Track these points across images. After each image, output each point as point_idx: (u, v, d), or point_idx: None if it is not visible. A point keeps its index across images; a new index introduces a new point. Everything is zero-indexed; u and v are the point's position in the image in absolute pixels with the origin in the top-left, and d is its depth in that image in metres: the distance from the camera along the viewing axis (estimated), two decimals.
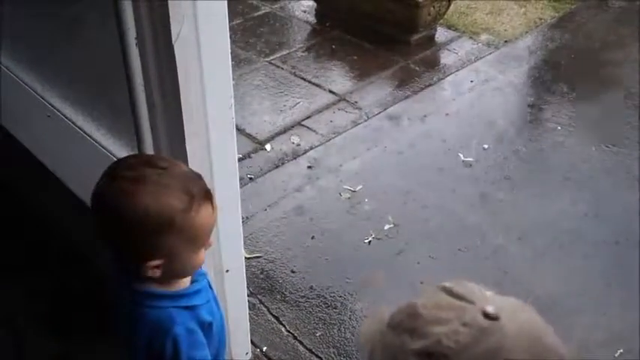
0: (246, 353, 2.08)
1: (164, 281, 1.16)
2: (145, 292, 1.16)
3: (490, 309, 0.72)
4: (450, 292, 0.76)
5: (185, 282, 1.22)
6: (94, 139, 1.96)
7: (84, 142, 1.94)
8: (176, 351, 1.15)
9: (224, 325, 1.41)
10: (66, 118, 2.04)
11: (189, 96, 1.33)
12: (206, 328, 1.25)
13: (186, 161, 1.47)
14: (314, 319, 2.28)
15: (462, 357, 0.68)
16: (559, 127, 3.29)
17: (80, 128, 1.99)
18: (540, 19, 4.34)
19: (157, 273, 1.12)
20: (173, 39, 1.24)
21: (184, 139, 1.42)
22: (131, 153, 1.79)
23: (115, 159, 1.86)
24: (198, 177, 1.15)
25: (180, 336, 1.16)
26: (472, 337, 0.69)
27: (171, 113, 1.39)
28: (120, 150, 1.88)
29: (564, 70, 3.79)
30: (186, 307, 1.20)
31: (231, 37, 1.38)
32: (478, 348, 0.68)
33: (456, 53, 3.97)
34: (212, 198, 1.13)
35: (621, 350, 2.15)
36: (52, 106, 2.09)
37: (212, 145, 1.47)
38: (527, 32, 4.21)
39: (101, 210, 1.10)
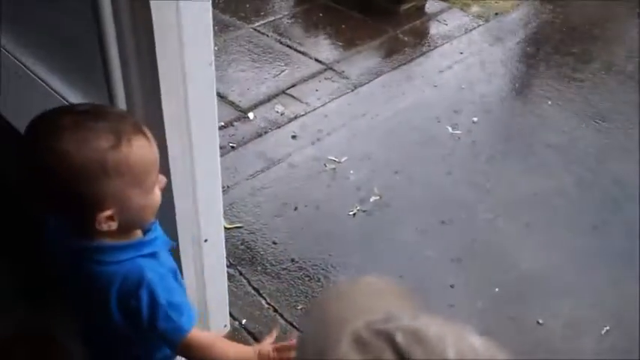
0: (225, 326, 2.01)
1: (122, 233, 1.09)
2: (106, 246, 1.09)
3: None
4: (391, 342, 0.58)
5: (139, 233, 1.16)
6: (66, 101, 1.85)
7: (56, 103, 1.83)
8: (153, 299, 1.09)
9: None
10: (36, 76, 1.92)
11: (165, 50, 1.23)
12: (174, 274, 1.20)
13: (162, 123, 1.38)
14: (295, 292, 2.21)
15: None
16: (549, 102, 3.23)
17: (50, 87, 1.88)
18: None
19: (113, 225, 1.05)
20: None
21: (160, 98, 1.33)
22: None
23: None
24: (125, 114, 1.09)
25: (153, 281, 1.09)
26: None
27: (145, 69, 1.29)
28: None
29: (554, 45, 3.72)
30: (150, 255, 1.14)
31: (214, 2, 1.29)
32: None
33: (446, 24, 3.88)
34: (145, 131, 1.05)
35: (607, 327, 2.12)
36: (23, 64, 1.98)
37: (190, 106, 1.38)
38: (518, 5, 4.13)
39: (32, 173, 1.02)
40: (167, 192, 1.51)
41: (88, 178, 0.99)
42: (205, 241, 1.70)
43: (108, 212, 1.02)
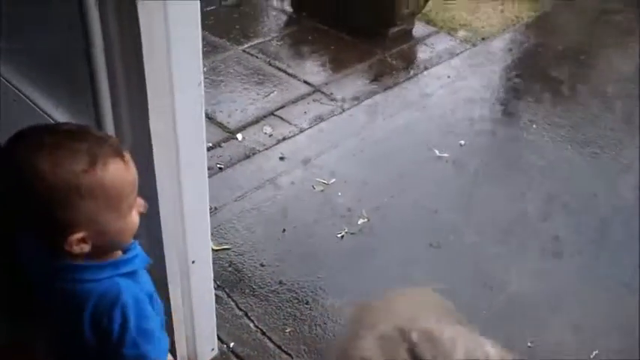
0: (212, 349, 1.98)
1: (100, 254, 1.08)
2: (83, 265, 1.07)
3: None
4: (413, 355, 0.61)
5: (118, 254, 1.14)
6: (52, 120, 1.83)
7: (41, 121, 1.81)
8: (125, 321, 1.07)
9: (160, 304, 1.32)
10: (23, 95, 1.90)
11: (153, 70, 1.23)
12: (149, 298, 1.17)
13: (149, 143, 1.37)
14: (284, 315, 2.19)
15: None
16: (534, 126, 3.26)
17: (39, 107, 1.86)
18: (517, 17, 4.31)
19: (86, 248, 1.04)
20: None
21: (148, 118, 1.32)
22: None
23: None
24: (107, 137, 1.08)
25: (128, 304, 1.08)
26: None
27: (134, 89, 1.29)
28: None
29: (540, 70, 3.76)
30: (129, 274, 1.12)
31: (204, 24, 1.28)
32: None
33: (433, 48, 3.92)
34: (123, 154, 1.05)
35: (596, 351, 2.11)
36: (11, 84, 1.96)
37: (178, 126, 1.37)
38: (504, 30, 4.18)
39: (8, 188, 1.01)
40: (154, 212, 1.49)
41: (62, 198, 0.98)
42: (193, 262, 1.67)
43: (79, 235, 1.01)
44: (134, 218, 1.09)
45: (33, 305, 1.19)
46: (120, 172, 1.03)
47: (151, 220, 1.51)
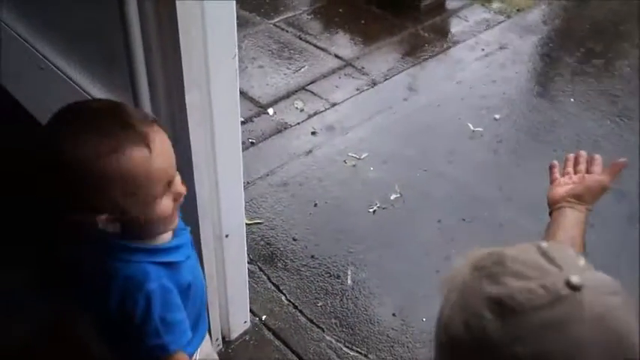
0: (245, 322, 2.01)
1: (137, 236, 1.07)
2: (120, 245, 1.08)
3: (575, 279, 0.68)
4: (543, 252, 0.73)
5: (164, 236, 1.14)
6: (88, 94, 1.85)
7: (77, 96, 1.83)
8: (148, 308, 1.07)
9: (205, 290, 1.32)
10: (59, 70, 1.92)
11: (189, 42, 1.22)
12: (184, 289, 1.17)
13: (185, 115, 1.38)
14: (315, 289, 2.20)
15: (529, 317, 0.67)
16: (571, 99, 3.18)
17: (74, 82, 1.88)
18: None
19: (116, 227, 1.03)
20: None
21: (183, 90, 1.32)
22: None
23: None
24: (136, 122, 1.00)
25: (153, 293, 1.07)
26: (546, 300, 0.67)
27: (169, 61, 1.28)
28: None
29: (577, 41, 3.66)
30: (165, 264, 1.11)
31: None
32: (547, 314, 0.67)
33: (467, 21, 3.84)
34: (149, 142, 0.99)
35: None
36: (45, 57, 1.98)
37: (213, 98, 1.37)
38: (540, 1, 4.07)
39: (40, 161, 1.02)
40: (189, 187, 1.50)
41: (78, 180, 0.97)
42: (227, 236, 1.69)
43: (104, 216, 1.01)
44: (163, 206, 1.05)
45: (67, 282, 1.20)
46: (141, 161, 0.98)
47: (187, 194, 1.52)
